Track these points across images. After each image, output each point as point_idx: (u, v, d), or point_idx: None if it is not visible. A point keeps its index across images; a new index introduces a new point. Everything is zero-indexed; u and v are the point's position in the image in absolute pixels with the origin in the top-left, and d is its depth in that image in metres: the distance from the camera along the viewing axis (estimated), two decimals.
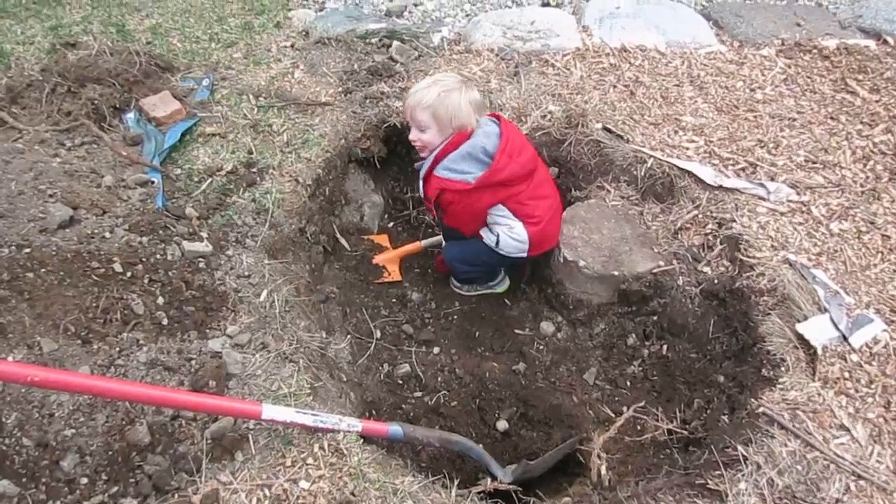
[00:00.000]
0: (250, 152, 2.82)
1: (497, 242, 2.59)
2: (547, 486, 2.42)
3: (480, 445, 2.32)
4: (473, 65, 3.40)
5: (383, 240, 3.13)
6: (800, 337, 2.31)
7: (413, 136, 2.52)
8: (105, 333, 2.00)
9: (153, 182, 2.63)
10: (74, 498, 1.69)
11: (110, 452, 1.78)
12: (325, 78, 3.27)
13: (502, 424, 2.61)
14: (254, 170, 2.74)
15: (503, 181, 2.45)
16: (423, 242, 3.06)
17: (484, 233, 2.65)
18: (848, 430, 2.09)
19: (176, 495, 1.76)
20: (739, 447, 2.06)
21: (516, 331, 2.87)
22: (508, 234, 2.56)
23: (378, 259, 3.00)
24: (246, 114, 3.01)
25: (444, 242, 2.95)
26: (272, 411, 1.82)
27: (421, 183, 2.60)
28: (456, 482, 2.02)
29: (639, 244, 2.72)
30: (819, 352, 2.25)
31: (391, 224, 3.25)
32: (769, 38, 3.69)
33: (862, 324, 2.33)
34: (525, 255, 2.62)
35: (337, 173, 2.93)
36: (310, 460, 1.87)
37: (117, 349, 1.99)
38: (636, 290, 2.68)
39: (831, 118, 3.18)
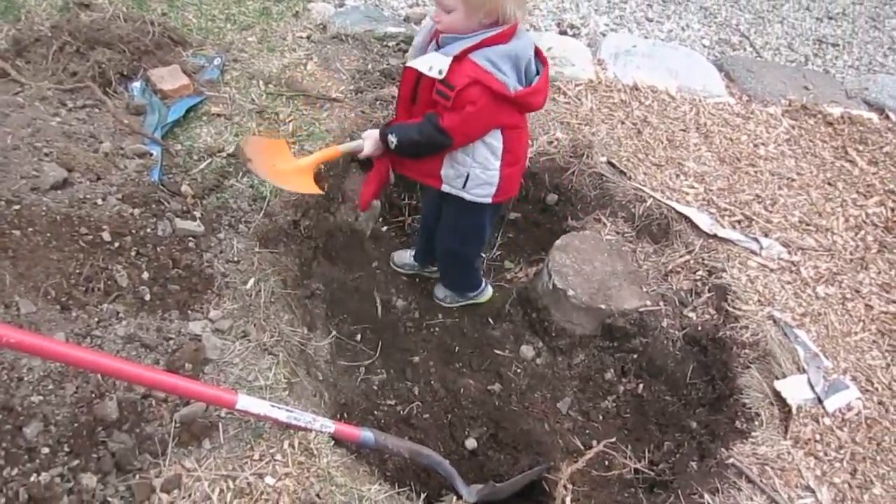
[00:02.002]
0: None
1: (465, 182, 2.27)
2: None
3: (448, 461, 2.30)
4: None
5: (281, 146, 2.53)
6: (776, 394, 2.34)
7: (436, 15, 2.04)
8: (85, 302, 1.96)
9: (152, 154, 2.58)
10: (33, 466, 1.63)
11: (76, 425, 1.73)
12: (338, 74, 3.26)
13: (471, 443, 2.59)
14: None
15: (527, 106, 2.15)
16: (342, 147, 2.43)
17: (449, 172, 2.28)
18: (813, 491, 2.11)
19: (137, 476, 1.72)
20: (706, 495, 2.08)
21: (496, 351, 2.86)
22: (481, 174, 2.24)
23: (292, 168, 2.39)
24: (254, 98, 2.98)
25: (364, 148, 2.35)
26: (247, 402, 1.78)
27: (443, 60, 2.02)
28: (422, 496, 2.00)
29: (628, 281, 2.74)
30: (794, 411, 2.28)
31: (385, 228, 3.23)
32: (777, 97, 3.75)
33: (838, 388, 2.36)
34: (489, 200, 2.32)
35: (338, 171, 2.90)
36: (278, 456, 1.83)
37: (96, 319, 1.94)
38: (620, 326, 2.69)
39: (829, 183, 3.24)
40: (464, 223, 2.53)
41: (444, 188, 2.33)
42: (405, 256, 3.08)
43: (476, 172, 2.25)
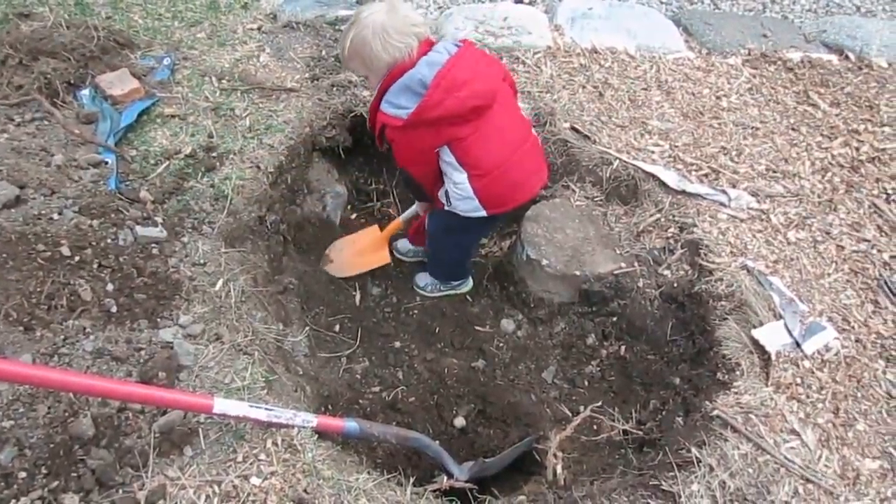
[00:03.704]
0: (210, 136, 2.73)
1: (449, 201, 2.39)
2: (502, 484, 2.41)
3: (437, 442, 2.30)
4: None
5: (370, 232, 3.03)
6: (755, 342, 2.35)
7: None
8: (49, 320, 1.92)
9: (107, 163, 2.53)
10: (11, 493, 1.61)
11: (51, 445, 1.70)
12: (292, 63, 3.20)
13: (460, 421, 2.60)
14: (213, 154, 2.65)
15: (438, 119, 2.15)
16: (402, 217, 2.91)
17: (440, 193, 2.46)
18: (798, 434, 2.13)
19: (120, 491, 1.69)
20: (693, 449, 2.09)
21: (477, 327, 2.86)
22: (454, 189, 2.33)
23: (374, 244, 2.96)
24: (207, 96, 2.92)
25: (419, 213, 2.81)
26: (224, 405, 1.76)
27: (369, 115, 2.35)
28: (411, 479, 1.99)
29: (601, 245, 2.73)
30: (773, 357, 2.29)
31: (354, 216, 3.21)
32: (736, 48, 3.74)
33: (815, 331, 2.38)
34: (483, 213, 2.37)
35: (300, 161, 2.86)
36: (262, 456, 1.82)
37: (62, 337, 1.90)
38: (597, 291, 2.70)
39: (793, 129, 3.24)
40: (454, 234, 2.65)
41: (446, 207, 2.45)
42: (408, 244, 3.10)
43: (450, 188, 2.36)
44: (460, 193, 2.33)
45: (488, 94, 2.21)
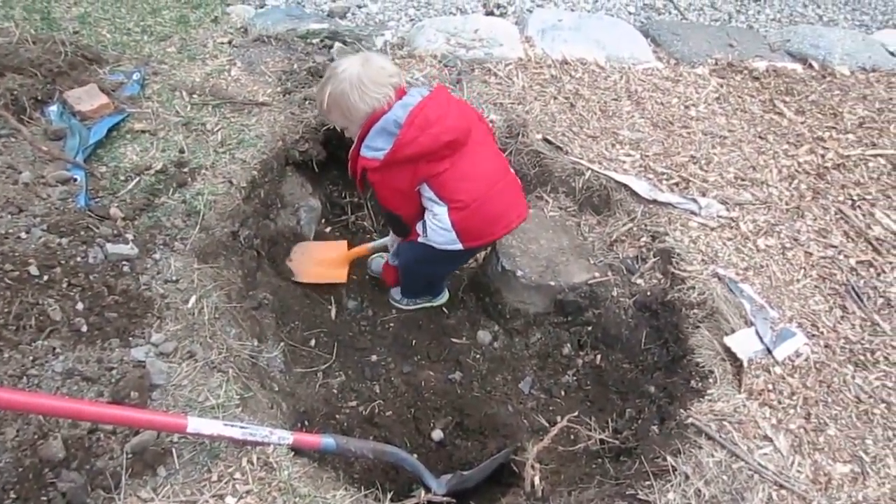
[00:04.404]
0: (182, 151, 2.71)
1: (425, 232, 2.41)
2: (481, 496, 2.41)
3: (415, 456, 2.30)
4: (416, 70, 3.38)
5: (338, 247, 3.06)
6: (727, 349, 2.38)
7: None
8: (17, 341, 1.88)
9: (76, 180, 2.49)
10: None
11: (20, 469, 1.67)
12: (263, 77, 3.19)
13: (437, 434, 2.59)
14: (185, 170, 2.63)
15: (414, 156, 2.22)
16: (370, 245, 2.96)
17: (420, 225, 2.46)
18: (771, 440, 2.16)
19: None
20: (669, 457, 2.10)
21: (453, 339, 2.86)
22: (433, 220, 2.36)
23: (338, 260, 2.98)
24: (178, 111, 2.90)
25: (391, 245, 2.81)
26: (198, 424, 1.74)
27: (349, 163, 2.43)
28: (389, 494, 1.99)
29: (575, 255, 2.76)
30: (745, 364, 2.33)
31: (328, 229, 3.19)
32: (703, 58, 3.81)
33: (785, 337, 2.42)
34: (459, 246, 2.39)
35: (273, 176, 2.84)
36: (237, 475, 1.80)
37: (31, 358, 1.87)
38: (572, 301, 2.72)
39: (760, 137, 3.31)
40: (426, 266, 2.65)
41: (421, 238, 2.45)
42: (381, 263, 3.06)
43: (429, 219, 2.38)
44: (438, 225, 2.35)
45: (462, 129, 2.26)
